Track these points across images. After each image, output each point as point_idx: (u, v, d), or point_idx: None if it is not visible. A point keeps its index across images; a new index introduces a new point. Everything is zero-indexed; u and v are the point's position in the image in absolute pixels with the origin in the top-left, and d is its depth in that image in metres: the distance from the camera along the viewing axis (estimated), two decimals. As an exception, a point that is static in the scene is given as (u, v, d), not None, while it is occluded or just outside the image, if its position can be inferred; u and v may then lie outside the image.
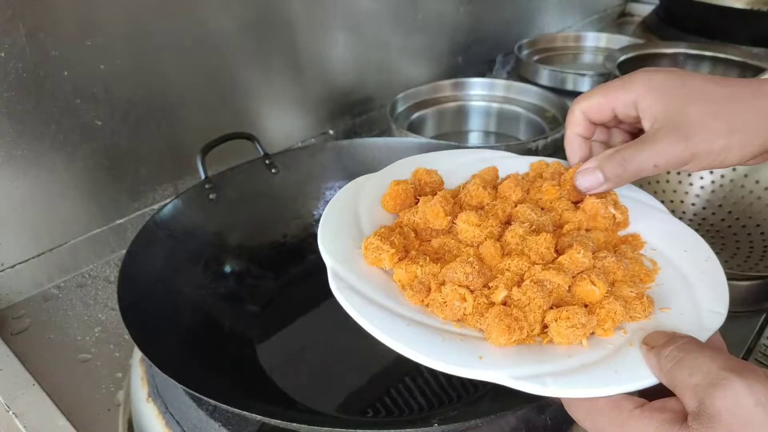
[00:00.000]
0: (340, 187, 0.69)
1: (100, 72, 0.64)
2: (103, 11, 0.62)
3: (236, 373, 0.50)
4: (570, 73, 1.10)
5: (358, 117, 0.98)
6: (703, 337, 0.32)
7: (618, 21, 1.64)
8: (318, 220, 0.68)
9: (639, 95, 0.37)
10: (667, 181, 0.77)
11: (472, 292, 0.34)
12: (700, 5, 1.30)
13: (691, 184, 0.77)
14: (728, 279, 0.42)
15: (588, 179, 0.39)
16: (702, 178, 0.77)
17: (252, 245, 0.63)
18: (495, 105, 1.02)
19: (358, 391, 0.50)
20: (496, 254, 0.36)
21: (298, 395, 0.50)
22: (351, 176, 0.70)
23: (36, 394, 0.54)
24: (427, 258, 0.36)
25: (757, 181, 0.74)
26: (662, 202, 0.64)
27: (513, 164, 0.47)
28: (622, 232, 0.42)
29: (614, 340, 0.33)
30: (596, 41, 1.32)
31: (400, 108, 0.96)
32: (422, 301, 0.35)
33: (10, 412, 0.51)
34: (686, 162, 0.36)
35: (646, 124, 0.37)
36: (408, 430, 0.37)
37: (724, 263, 0.70)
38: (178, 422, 0.46)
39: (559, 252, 0.37)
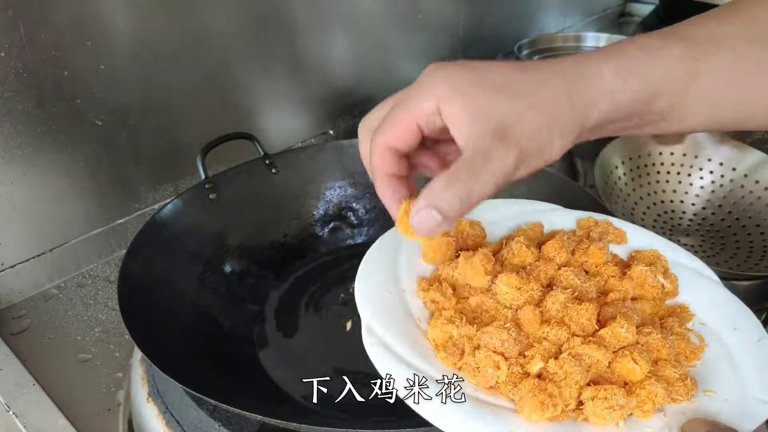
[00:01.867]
0: (340, 187, 0.70)
1: (100, 72, 0.64)
2: (104, 11, 0.62)
3: (236, 373, 0.50)
4: (570, 73, 1.10)
5: (358, 117, 0.98)
6: (747, 428, 0.30)
7: (618, 21, 1.64)
8: (318, 220, 0.69)
9: (442, 99, 0.31)
10: (667, 181, 0.77)
11: (506, 359, 0.33)
12: (700, 5, 1.29)
13: (691, 184, 0.77)
14: (728, 279, 0.42)
15: (424, 222, 0.31)
16: (702, 178, 0.77)
17: (252, 245, 0.63)
18: (495, 105, 1.02)
19: (359, 391, 0.50)
20: (534, 321, 0.35)
21: (299, 395, 0.50)
22: (351, 176, 0.71)
23: (36, 394, 0.53)
24: (464, 318, 0.35)
25: (757, 181, 0.74)
26: (662, 202, 0.64)
27: (559, 219, 0.45)
28: (670, 302, 0.40)
29: (652, 423, 0.31)
30: (596, 41, 1.31)
31: (400, 108, 0.96)
32: (455, 364, 0.34)
33: (11, 412, 0.51)
34: (516, 174, 0.31)
35: (456, 133, 0.31)
36: (409, 429, 0.37)
37: (724, 263, 0.71)
38: (178, 422, 0.46)
39: (601, 323, 0.35)
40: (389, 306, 0.37)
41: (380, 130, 0.32)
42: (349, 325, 0.56)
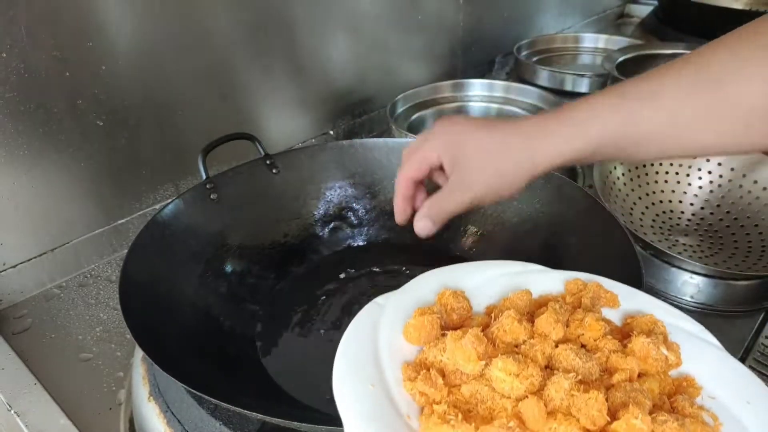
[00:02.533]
0: (340, 187, 0.71)
1: (101, 73, 0.64)
2: (105, 12, 0.62)
3: (237, 372, 0.51)
4: (569, 74, 1.10)
5: (358, 117, 0.98)
6: None
7: (617, 22, 1.64)
8: (318, 220, 0.69)
9: (441, 150, 0.45)
10: (666, 182, 0.78)
11: None
12: (699, 6, 1.31)
13: (689, 184, 0.77)
14: (726, 279, 0.42)
15: (422, 228, 0.46)
16: (700, 178, 0.77)
17: (253, 245, 0.63)
18: (494, 106, 1.03)
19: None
20: (540, 415, 0.32)
21: (299, 394, 0.50)
22: (351, 176, 0.71)
23: (37, 394, 0.54)
24: (459, 415, 0.32)
25: (755, 181, 0.74)
26: (660, 202, 0.64)
27: (545, 282, 0.44)
28: (674, 372, 0.38)
29: None
30: (595, 42, 1.32)
31: (400, 108, 0.96)
32: None
33: (12, 412, 0.52)
34: (478, 202, 0.45)
35: (448, 172, 0.46)
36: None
37: (722, 263, 0.71)
38: (179, 421, 0.46)
39: (611, 411, 0.33)
40: (374, 403, 0.33)
41: (403, 168, 0.48)
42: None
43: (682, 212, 0.76)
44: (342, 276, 0.63)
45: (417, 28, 1.02)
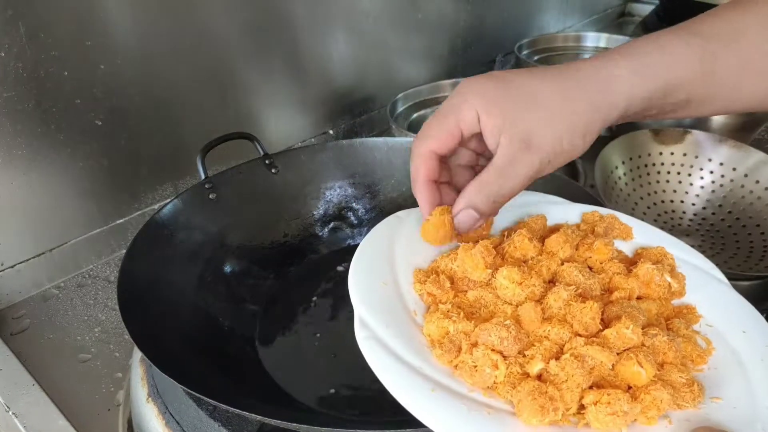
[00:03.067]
0: (340, 187, 0.70)
1: (100, 72, 0.64)
2: (104, 11, 0.62)
3: (236, 373, 0.50)
4: (570, 73, 1.10)
5: (358, 117, 0.98)
6: None
7: (618, 21, 1.64)
8: (318, 220, 0.69)
9: (480, 109, 0.35)
10: (667, 181, 0.77)
11: (505, 358, 0.32)
12: (700, 5, 1.30)
13: (691, 184, 0.77)
14: (728, 279, 0.42)
15: (464, 222, 0.37)
16: (702, 178, 0.77)
17: (252, 245, 0.63)
18: (495, 105, 1.02)
19: (359, 391, 0.50)
20: (535, 318, 0.33)
21: (298, 395, 0.49)
22: (351, 176, 0.71)
23: (36, 394, 0.53)
24: (461, 313, 0.34)
25: (757, 181, 0.74)
26: (662, 202, 0.64)
27: (564, 213, 0.44)
28: (676, 302, 0.39)
29: (657, 431, 0.30)
30: (596, 41, 1.31)
31: (400, 108, 0.96)
32: (451, 362, 0.32)
33: (10, 412, 0.51)
34: (543, 172, 0.36)
35: (490, 141, 0.36)
36: (408, 429, 0.37)
37: (724, 263, 0.71)
38: (177, 422, 0.46)
39: (605, 322, 0.34)
40: (384, 298, 0.35)
41: (423, 137, 0.37)
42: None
43: (684, 212, 0.76)
44: (342, 276, 0.63)
45: (417, 27, 1.02)
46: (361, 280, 0.36)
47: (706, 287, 0.40)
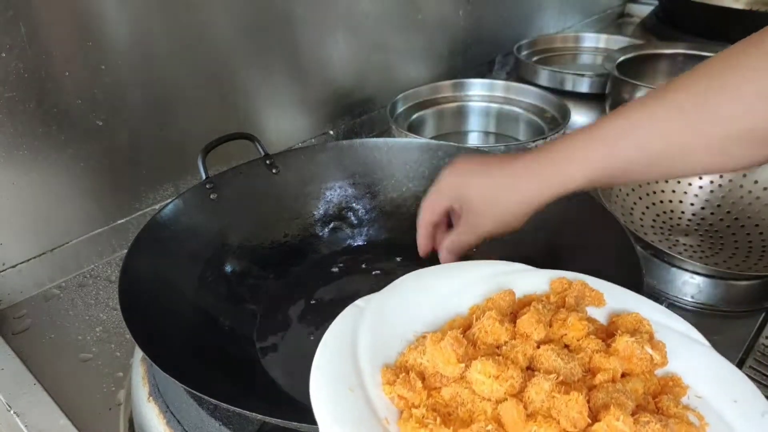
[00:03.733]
0: (340, 187, 0.71)
1: (101, 72, 0.64)
2: (104, 12, 0.62)
3: (237, 373, 0.51)
4: (569, 73, 1.10)
5: (358, 117, 0.98)
6: None
7: (617, 22, 1.64)
8: (318, 220, 0.69)
9: (448, 201, 0.52)
10: (666, 182, 0.78)
11: None
12: (700, 6, 1.30)
13: (690, 184, 0.77)
14: (727, 279, 0.41)
15: (446, 260, 0.53)
16: (701, 178, 0.77)
17: (252, 245, 0.63)
18: (494, 105, 1.02)
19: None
20: (519, 418, 0.31)
21: (299, 394, 0.50)
22: (351, 176, 0.71)
23: (37, 394, 0.54)
24: (437, 419, 0.31)
25: (755, 182, 0.74)
26: (661, 202, 0.64)
27: (530, 281, 0.43)
28: (660, 371, 0.37)
29: None
30: (595, 42, 1.32)
31: (400, 108, 0.96)
32: None
33: (12, 412, 0.52)
34: (488, 237, 0.51)
35: (459, 215, 0.52)
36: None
37: (723, 263, 0.71)
38: (178, 421, 0.46)
39: (593, 411, 0.32)
40: (353, 408, 0.32)
41: (422, 214, 0.54)
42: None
43: (683, 212, 0.76)
44: (342, 276, 0.63)
45: (417, 27, 1.02)
46: (325, 388, 0.33)
47: (689, 354, 0.38)
